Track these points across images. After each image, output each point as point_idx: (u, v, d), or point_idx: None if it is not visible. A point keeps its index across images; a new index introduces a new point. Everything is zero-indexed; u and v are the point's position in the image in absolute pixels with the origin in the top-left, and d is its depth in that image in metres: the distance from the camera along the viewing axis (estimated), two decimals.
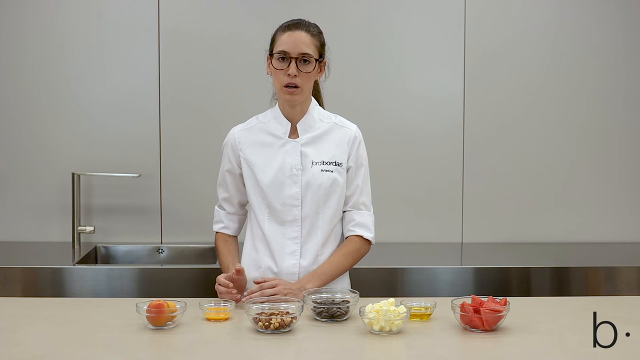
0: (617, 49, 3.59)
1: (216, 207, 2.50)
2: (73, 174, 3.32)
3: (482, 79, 3.58)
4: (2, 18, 3.47)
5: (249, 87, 3.51)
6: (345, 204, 2.40)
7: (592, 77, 3.60)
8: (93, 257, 3.39)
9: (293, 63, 2.25)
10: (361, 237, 2.38)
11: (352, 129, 2.40)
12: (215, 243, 2.49)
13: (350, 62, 3.49)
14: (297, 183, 2.32)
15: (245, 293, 2.23)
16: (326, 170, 2.33)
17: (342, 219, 2.41)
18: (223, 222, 2.47)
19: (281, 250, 2.33)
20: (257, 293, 2.19)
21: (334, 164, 2.34)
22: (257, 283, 2.24)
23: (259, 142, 2.37)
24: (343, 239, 2.42)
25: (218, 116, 3.53)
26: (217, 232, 2.49)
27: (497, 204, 3.62)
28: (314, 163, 2.33)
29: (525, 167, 3.62)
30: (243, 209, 2.48)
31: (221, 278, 2.24)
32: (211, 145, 3.52)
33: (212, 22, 3.52)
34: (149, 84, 3.51)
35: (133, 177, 3.37)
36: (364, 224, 2.38)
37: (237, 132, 2.41)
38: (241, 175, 2.39)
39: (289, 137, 2.35)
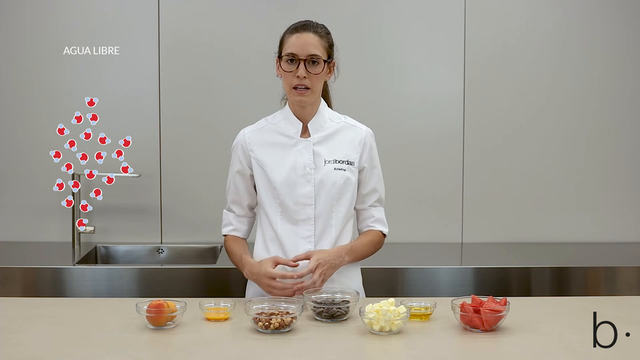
0: (618, 51, 3.58)
1: (224, 210, 2.46)
2: (73, 174, 3.32)
3: (483, 80, 3.57)
4: (1, 19, 3.47)
5: (248, 87, 3.52)
6: (363, 202, 2.43)
7: (592, 78, 3.59)
8: (93, 257, 3.39)
9: (302, 65, 2.25)
10: (381, 232, 2.45)
11: (363, 129, 2.42)
12: (225, 245, 2.45)
13: (349, 63, 3.48)
14: (310, 182, 2.32)
15: (295, 287, 2.21)
16: (339, 169, 2.34)
17: (357, 215, 2.45)
18: (232, 225, 2.44)
19: (295, 249, 2.32)
20: (295, 283, 2.21)
21: (347, 162, 2.35)
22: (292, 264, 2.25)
23: (270, 142, 2.36)
24: (354, 236, 2.43)
25: (218, 117, 3.53)
26: (226, 235, 2.45)
27: (497, 204, 3.62)
28: (327, 162, 2.34)
29: (525, 167, 3.62)
30: (252, 212, 2.45)
31: (276, 272, 2.21)
32: (211, 146, 3.53)
33: (211, 24, 3.52)
34: (149, 84, 3.51)
35: (133, 177, 3.37)
36: (382, 220, 2.45)
37: (247, 133, 2.39)
38: (252, 176, 2.38)
39: (301, 136, 2.36)
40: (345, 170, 2.34)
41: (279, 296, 2.19)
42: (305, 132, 2.37)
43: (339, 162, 2.35)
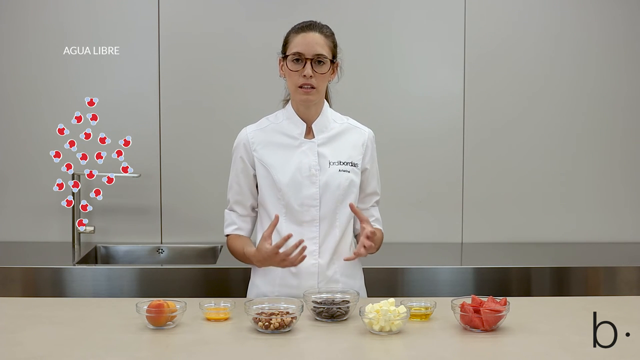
0: (618, 49, 3.59)
1: (226, 210, 2.44)
2: (73, 174, 3.32)
3: (483, 79, 3.57)
4: (1, 19, 3.48)
5: (248, 87, 3.51)
6: (364, 203, 2.44)
7: (593, 77, 3.60)
8: (93, 257, 3.39)
9: (308, 64, 2.25)
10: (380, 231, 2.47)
11: (366, 131, 2.43)
12: (229, 244, 2.42)
13: (349, 63, 3.46)
14: (315, 183, 2.32)
15: None
16: (344, 171, 2.34)
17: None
18: (236, 224, 2.41)
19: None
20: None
21: (351, 164, 2.36)
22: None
23: (274, 142, 2.36)
24: (353, 235, 2.44)
25: (218, 116, 3.53)
26: (229, 235, 2.43)
27: (497, 204, 3.62)
28: (332, 163, 2.34)
29: (525, 167, 3.62)
30: (254, 211, 2.44)
31: (273, 247, 2.15)
32: (211, 145, 3.53)
33: (212, 22, 3.52)
34: (149, 84, 3.51)
35: (133, 177, 3.37)
36: (380, 220, 2.49)
37: (250, 133, 2.38)
38: (254, 176, 2.37)
39: (305, 137, 2.35)
40: (349, 172, 2.34)
41: (294, 264, 2.17)
42: (309, 133, 2.37)
43: (344, 163, 2.35)
